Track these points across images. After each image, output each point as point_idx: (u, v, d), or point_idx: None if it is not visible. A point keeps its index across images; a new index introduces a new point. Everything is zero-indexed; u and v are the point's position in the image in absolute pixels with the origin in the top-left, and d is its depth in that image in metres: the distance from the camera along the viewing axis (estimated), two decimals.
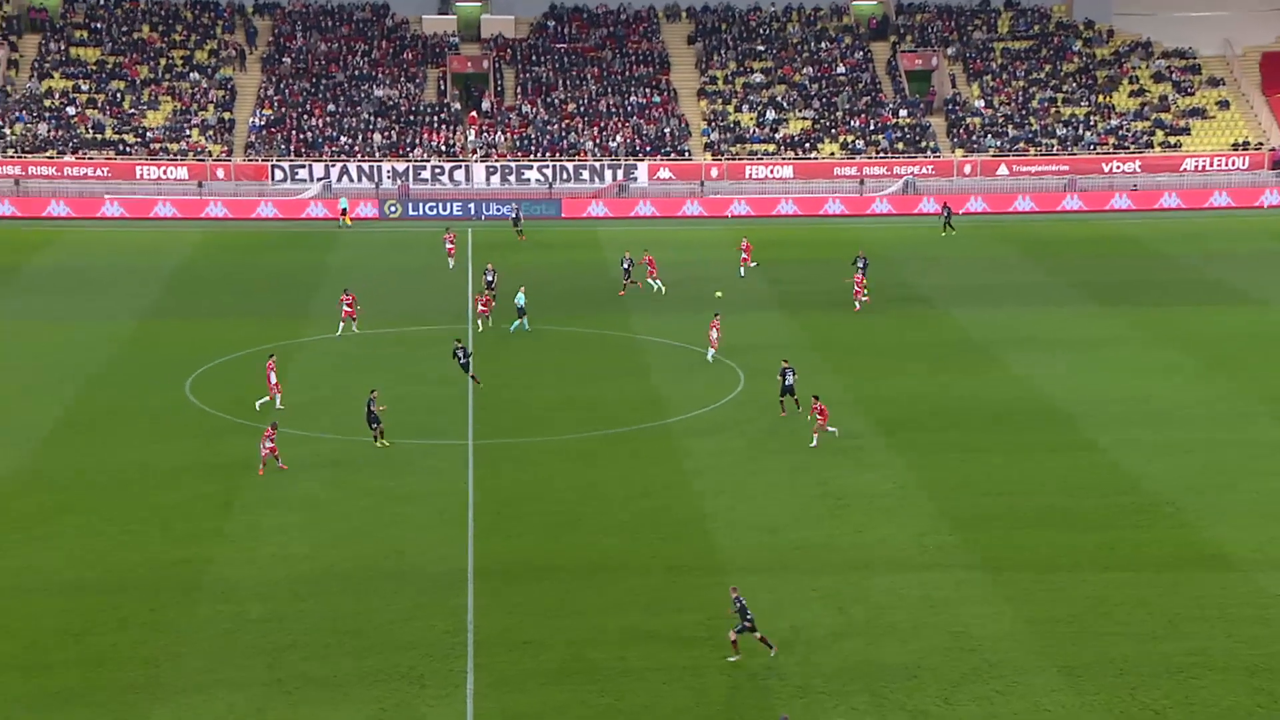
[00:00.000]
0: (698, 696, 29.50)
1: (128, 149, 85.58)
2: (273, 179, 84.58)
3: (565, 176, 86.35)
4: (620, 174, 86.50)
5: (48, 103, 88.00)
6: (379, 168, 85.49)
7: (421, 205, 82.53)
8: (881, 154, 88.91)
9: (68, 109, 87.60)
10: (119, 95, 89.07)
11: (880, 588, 34.25)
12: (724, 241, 77.13)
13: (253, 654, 30.67)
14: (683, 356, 54.09)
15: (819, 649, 31.39)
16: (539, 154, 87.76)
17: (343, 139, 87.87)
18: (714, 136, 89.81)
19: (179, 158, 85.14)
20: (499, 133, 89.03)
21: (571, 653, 31.10)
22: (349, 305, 55.88)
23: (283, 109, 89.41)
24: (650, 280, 63.84)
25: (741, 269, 66.50)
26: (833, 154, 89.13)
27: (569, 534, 37.49)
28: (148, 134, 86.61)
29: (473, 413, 47.01)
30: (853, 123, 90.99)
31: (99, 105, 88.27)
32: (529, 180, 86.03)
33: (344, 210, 79.07)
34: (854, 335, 57.11)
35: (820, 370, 51.68)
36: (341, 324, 55.77)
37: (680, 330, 56.48)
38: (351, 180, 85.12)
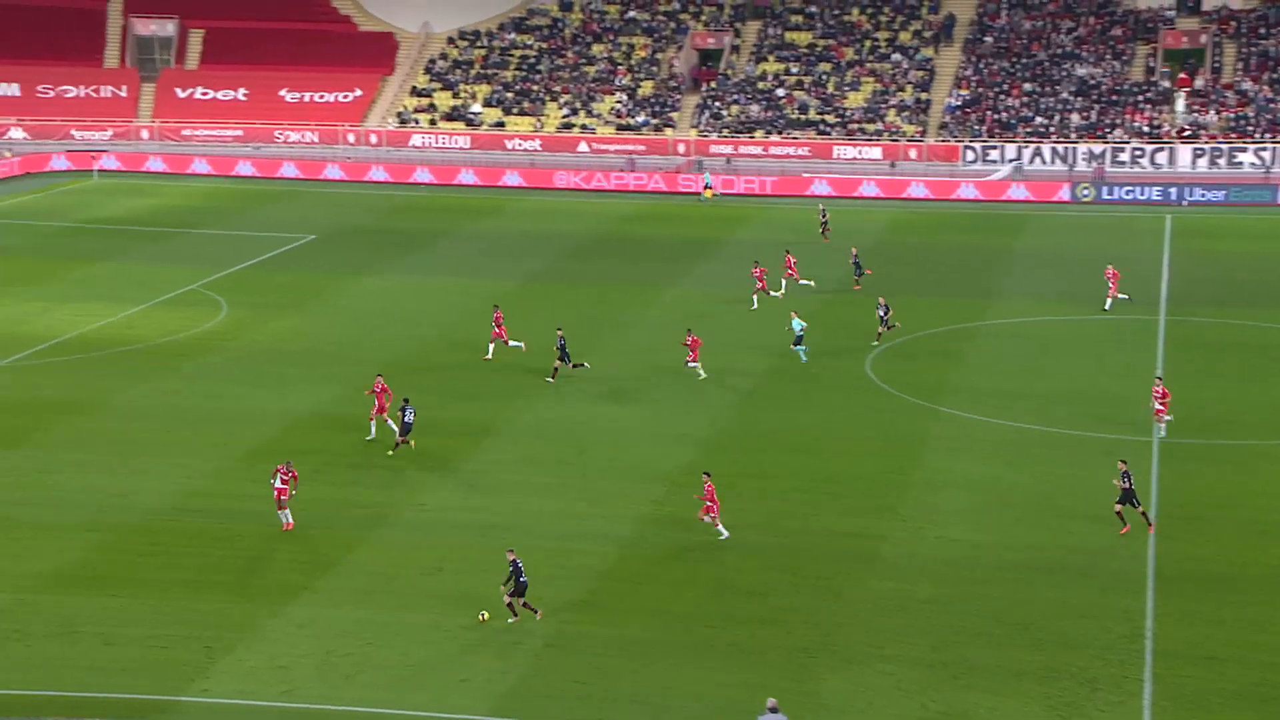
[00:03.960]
0: None
1: (827, 129, 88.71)
2: (964, 160, 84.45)
3: None
4: None
5: (761, 85, 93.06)
6: (1074, 149, 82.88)
7: (1116, 189, 79.05)
8: None
9: (777, 90, 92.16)
10: (824, 77, 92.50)
11: None
12: None
13: (919, 634, 30.59)
14: None
15: None
16: (1258, 134, 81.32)
17: (1038, 119, 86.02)
18: None
19: (874, 138, 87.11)
20: (1211, 112, 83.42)
21: (1262, 675, 28.45)
22: (759, 277, 56.22)
23: (980, 89, 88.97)
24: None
25: (1108, 301, 55.54)
26: None
27: (1263, 545, 34.40)
28: (846, 114, 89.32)
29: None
30: None
31: (805, 87, 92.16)
32: (1241, 164, 80.00)
33: (707, 185, 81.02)
34: None
35: None
36: (755, 296, 56.23)
37: None
38: (1044, 162, 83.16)
